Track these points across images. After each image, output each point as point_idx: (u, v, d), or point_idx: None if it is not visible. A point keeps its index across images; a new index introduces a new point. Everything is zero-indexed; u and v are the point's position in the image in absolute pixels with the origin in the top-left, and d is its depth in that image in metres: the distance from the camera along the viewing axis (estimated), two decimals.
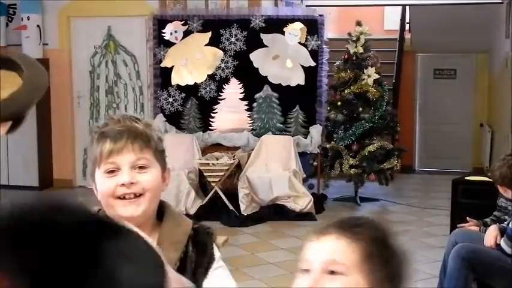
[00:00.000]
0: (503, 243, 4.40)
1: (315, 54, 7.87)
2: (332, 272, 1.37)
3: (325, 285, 1.36)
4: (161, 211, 1.80)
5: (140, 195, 1.70)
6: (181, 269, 1.72)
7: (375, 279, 1.37)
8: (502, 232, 4.44)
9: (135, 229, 0.97)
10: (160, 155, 1.77)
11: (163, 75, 8.21)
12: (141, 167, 1.71)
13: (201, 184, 7.54)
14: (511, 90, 7.70)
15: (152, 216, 1.77)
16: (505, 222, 4.51)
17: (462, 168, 10.13)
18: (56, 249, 0.74)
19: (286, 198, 7.29)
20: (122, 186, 1.68)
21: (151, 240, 1.68)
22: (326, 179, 8.18)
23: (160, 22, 8.19)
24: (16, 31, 8.95)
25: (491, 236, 4.50)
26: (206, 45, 8.09)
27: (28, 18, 8.79)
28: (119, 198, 1.70)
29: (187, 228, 1.79)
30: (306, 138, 7.86)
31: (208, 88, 8.10)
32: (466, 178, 6.15)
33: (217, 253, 1.84)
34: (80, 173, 8.98)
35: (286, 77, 7.92)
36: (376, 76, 8.19)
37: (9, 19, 9.16)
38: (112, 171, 1.70)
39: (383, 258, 1.39)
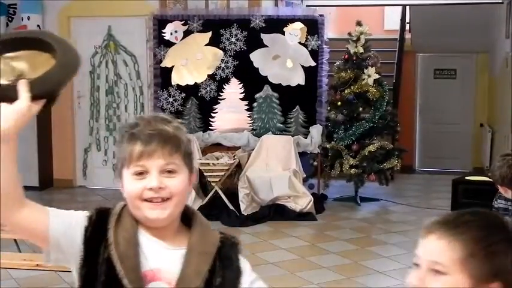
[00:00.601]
0: None
1: (315, 54, 7.87)
2: (436, 271, 1.42)
3: (429, 284, 1.41)
4: (187, 216, 1.80)
5: (167, 199, 1.71)
6: (208, 283, 1.72)
7: (478, 276, 1.39)
8: None
9: None
10: (188, 158, 1.77)
11: (163, 75, 8.21)
12: (169, 171, 1.71)
13: (201, 184, 7.53)
14: (511, 90, 7.70)
15: (177, 219, 1.77)
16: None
17: (462, 168, 10.13)
18: None
19: (287, 198, 7.29)
20: (149, 190, 1.69)
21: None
22: (326, 179, 8.18)
23: (161, 22, 8.19)
24: (16, 31, 8.94)
25: None
26: (206, 45, 8.09)
27: (28, 18, 8.79)
28: (146, 200, 1.70)
29: (215, 240, 1.79)
30: (306, 138, 7.85)
31: (208, 88, 8.10)
32: (466, 178, 6.17)
33: (245, 265, 1.82)
34: (80, 173, 8.97)
35: (286, 77, 7.92)
36: (376, 76, 8.19)
37: (9, 19, 9.16)
38: (140, 174, 1.70)
39: (486, 256, 1.40)
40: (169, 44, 8.17)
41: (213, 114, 8.06)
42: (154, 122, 1.73)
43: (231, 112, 8.08)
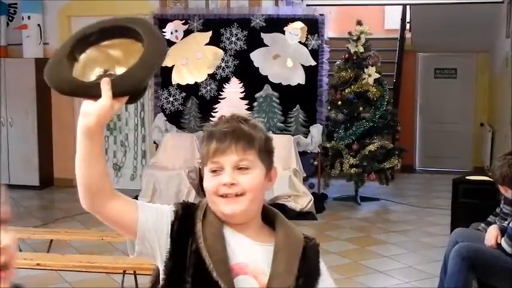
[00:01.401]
0: (503, 242, 4.40)
1: (315, 53, 7.87)
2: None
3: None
4: (268, 216, 1.85)
5: (241, 194, 1.75)
6: (295, 282, 1.75)
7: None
8: (503, 232, 4.45)
9: None
10: (265, 155, 1.81)
11: (163, 75, 8.21)
12: (243, 168, 1.76)
13: (202, 183, 7.53)
14: (510, 89, 7.69)
15: (256, 217, 1.82)
16: (506, 222, 4.52)
17: (462, 167, 10.13)
18: None
19: (287, 198, 7.30)
20: (223, 185, 1.74)
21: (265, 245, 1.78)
22: (326, 179, 8.18)
23: (161, 21, 8.19)
24: (17, 30, 8.96)
25: (491, 235, 4.51)
26: (206, 44, 8.09)
27: (29, 17, 8.80)
28: (221, 196, 1.75)
29: (301, 241, 1.83)
30: (306, 137, 7.86)
31: (208, 87, 8.10)
32: (467, 178, 6.15)
33: (323, 267, 1.86)
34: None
35: (286, 77, 7.92)
36: (377, 75, 8.20)
37: (10, 18, 9.16)
38: (216, 171, 1.76)
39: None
40: (169, 44, 8.16)
41: (213, 114, 8.07)
42: (231, 121, 1.80)
43: (231, 111, 8.06)
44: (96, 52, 1.80)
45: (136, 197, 7.12)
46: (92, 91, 1.67)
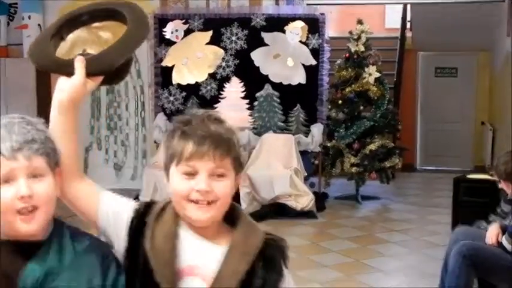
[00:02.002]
0: (504, 241, 4.41)
1: (316, 52, 7.87)
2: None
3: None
4: (232, 215, 1.80)
5: (212, 201, 1.71)
6: (246, 283, 1.71)
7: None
8: (503, 230, 4.45)
9: None
10: (238, 161, 1.78)
11: (164, 74, 8.22)
12: (218, 175, 1.72)
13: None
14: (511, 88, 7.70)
15: (219, 219, 1.78)
16: (506, 220, 4.52)
17: (463, 166, 10.14)
18: None
19: (288, 197, 7.29)
20: (197, 192, 1.70)
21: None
22: (327, 178, 8.19)
23: (161, 21, 8.20)
24: (17, 30, 8.96)
25: (492, 233, 4.51)
26: (207, 44, 8.10)
27: (29, 17, 8.81)
28: (192, 201, 1.71)
29: (258, 240, 1.77)
30: (307, 136, 7.86)
31: (209, 87, 8.10)
32: (468, 176, 6.16)
33: (285, 270, 1.80)
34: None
35: (287, 76, 7.93)
36: (377, 74, 8.20)
37: (10, 18, 9.18)
38: (189, 174, 1.71)
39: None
40: (170, 43, 8.18)
41: None
42: (208, 122, 1.73)
43: (231, 111, 8.07)
44: (86, 33, 1.87)
45: (137, 197, 7.14)
46: (68, 68, 1.74)
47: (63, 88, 1.79)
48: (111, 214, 1.79)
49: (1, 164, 1.59)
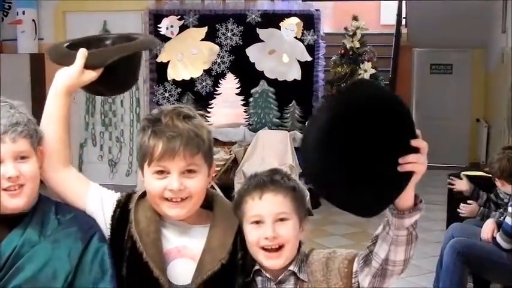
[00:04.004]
0: (499, 237, 4.42)
1: (311, 49, 7.88)
2: (281, 219, 1.79)
3: (279, 230, 1.78)
4: (207, 198, 1.86)
5: (186, 198, 1.76)
6: (232, 256, 1.79)
7: (302, 216, 1.87)
8: (499, 226, 4.47)
9: None
10: (209, 154, 1.82)
11: (159, 70, 8.22)
12: (189, 171, 1.76)
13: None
14: (507, 85, 7.71)
15: (196, 209, 1.83)
16: (502, 217, 4.53)
17: (458, 163, 10.15)
18: None
19: None
20: (170, 190, 1.74)
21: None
22: None
23: (156, 17, 8.20)
24: (11, 26, 8.94)
25: (488, 229, 4.53)
26: (202, 40, 8.10)
27: (23, 12, 8.78)
28: (166, 199, 1.76)
29: (236, 223, 1.85)
30: (302, 133, 7.86)
31: (204, 83, 8.11)
32: (463, 173, 6.16)
33: None
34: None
35: (282, 72, 7.94)
36: (373, 71, 8.21)
37: (5, 13, 9.15)
38: (161, 172, 1.75)
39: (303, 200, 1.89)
40: (165, 39, 8.17)
41: (209, 109, 8.07)
42: (177, 120, 1.76)
43: (227, 107, 8.09)
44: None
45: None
46: (71, 60, 1.89)
47: (61, 75, 1.90)
48: (99, 205, 1.85)
49: None
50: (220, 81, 8.09)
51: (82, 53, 1.90)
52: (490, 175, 4.98)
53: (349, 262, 1.84)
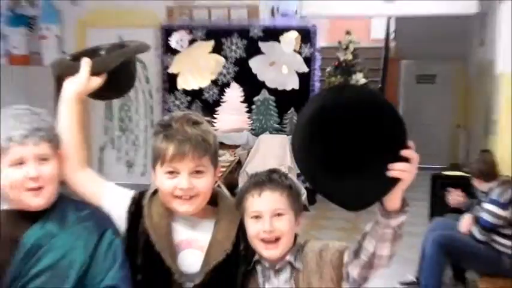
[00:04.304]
0: (475, 230, 4.44)
1: (308, 61, 7.89)
2: (278, 214, 1.82)
3: (276, 225, 1.81)
4: (213, 197, 1.88)
5: (195, 195, 1.78)
6: (235, 247, 1.81)
7: (298, 211, 1.90)
8: (476, 220, 4.49)
9: None
10: (215, 156, 1.84)
11: (170, 81, 8.24)
12: (198, 172, 1.77)
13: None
14: (485, 94, 7.73)
15: (203, 206, 1.84)
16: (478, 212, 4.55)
17: (440, 164, 10.15)
18: None
19: None
20: (180, 189, 1.76)
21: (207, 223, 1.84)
22: None
23: (168, 32, 8.22)
24: (37, 40, 8.97)
25: (466, 223, 4.55)
26: (209, 52, 8.11)
27: (48, 28, 8.82)
28: (177, 197, 1.78)
29: (238, 218, 1.87)
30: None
31: (211, 92, 8.12)
32: (444, 173, 6.19)
33: None
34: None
35: (282, 82, 7.95)
36: (364, 81, 8.25)
37: (30, 30, 9.17)
38: (172, 173, 1.77)
39: (298, 196, 1.90)
40: (175, 52, 8.20)
41: (215, 116, 8.09)
42: (187, 125, 1.77)
43: (231, 114, 8.10)
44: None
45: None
46: (76, 69, 1.91)
47: (70, 83, 1.92)
48: (113, 203, 1.86)
49: (13, 150, 1.70)
50: (225, 90, 8.10)
51: (86, 62, 1.92)
52: (468, 175, 5.00)
53: (340, 254, 1.85)
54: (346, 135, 1.55)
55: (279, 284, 1.84)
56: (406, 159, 1.56)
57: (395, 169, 1.54)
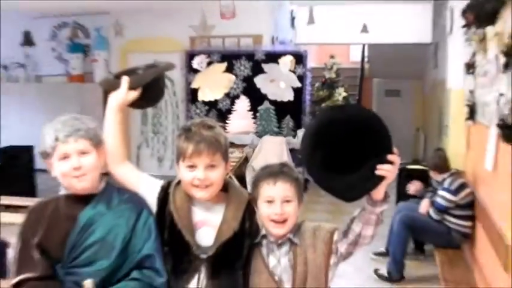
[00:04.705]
0: (431, 212, 4.43)
1: (300, 78, 7.87)
2: (287, 201, 1.80)
3: (286, 208, 1.79)
4: (225, 186, 1.86)
5: (209, 185, 1.77)
6: (242, 226, 1.79)
7: (300, 198, 1.84)
8: (432, 203, 4.48)
9: None
10: (226, 153, 1.82)
11: (192, 94, 8.24)
12: (212, 166, 1.76)
13: None
14: (437, 104, 7.71)
15: (217, 192, 1.83)
16: (434, 197, 4.54)
17: (404, 159, 10.10)
18: None
19: None
20: (197, 180, 1.76)
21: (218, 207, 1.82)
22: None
23: (191, 56, 8.22)
24: (90, 63, 9.00)
25: (424, 206, 4.55)
26: (223, 72, 8.11)
27: (98, 54, 8.84)
28: (194, 186, 1.77)
29: (245, 197, 1.86)
30: (294, 138, 7.86)
31: (224, 103, 8.12)
32: (407, 167, 6.17)
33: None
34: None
35: (280, 95, 7.94)
36: (345, 94, 8.24)
37: (85, 54, 9.21)
38: (191, 167, 1.77)
39: (301, 188, 1.85)
40: (196, 71, 8.20)
41: (227, 121, 8.09)
42: (203, 129, 1.77)
43: (240, 120, 8.10)
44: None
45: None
46: (118, 85, 1.92)
47: (114, 97, 1.92)
48: (147, 190, 1.86)
49: (59, 147, 1.73)
50: (235, 101, 8.09)
51: (126, 80, 1.92)
52: (426, 168, 4.99)
53: (331, 234, 1.85)
54: (343, 144, 1.61)
55: (280, 255, 1.83)
56: (391, 162, 1.62)
57: (383, 169, 1.60)
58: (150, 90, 1.97)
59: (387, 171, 1.62)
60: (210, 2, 7.83)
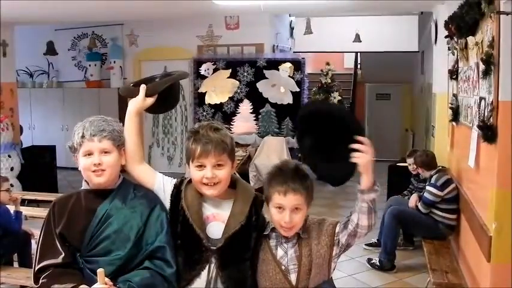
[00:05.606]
0: (420, 206, 4.42)
1: (299, 83, 7.87)
2: (296, 209, 1.76)
3: (295, 217, 1.76)
4: (233, 182, 1.85)
5: (217, 183, 1.76)
6: (248, 220, 1.78)
7: (309, 205, 1.80)
8: (420, 198, 4.47)
9: None
10: (232, 153, 1.81)
11: (199, 98, 8.24)
12: (219, 165, 1.75)
13: None
14: (424, 107, 7.70)
15: (225, 189, 1.82)
16: (421, 192, 4.52)
17: (394, 157, 10.10)
18: None
19: None
20: (206, 178, 1.75)
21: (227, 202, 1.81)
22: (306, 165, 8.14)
23: (198, 63, 8.21)
24: (106, 70, 9.01)
25: (413, 200, 4.53)
26: (228, 77, 8.11)
27: (114, 62, 8.84)
28: (203, 183, 1.76)
29: (252, 193, 1.85)
30: (293, 138, 7.85)
31: (229, 106, 8.12)
32: (397, 164, 6.16)
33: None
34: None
35: (280, 98, 7.93)
36: (339, 98, 8.21)
37: (103, 62, 9.22)
38: (200, 166, 1.76)
39: (311, 193, 1.81)
40: (203, 77, 8.20)
41: (232, 123, 8.08)
42: (210, 131, 1.77)
43: (244, 121, 8.09)
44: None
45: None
46: (136, 92, 1.92)
47: (132, 103, 1.91)
48: (161, 188, 1.85)
49: (84, 144, 1.76)
50: (239, 104, 8.09)
51: (143, 87, 1.91)
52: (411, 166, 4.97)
53: (333, 226, 1.84)
54: (324, 132, 1.70)
55: (287, 246, 1.82)
56: (359, 150, 1.66)
57: (354, 156, 1.64)
58: (165, 97, 1.97)
59: (358, 157, 1.65)
60: (216, 15, 7.83)
